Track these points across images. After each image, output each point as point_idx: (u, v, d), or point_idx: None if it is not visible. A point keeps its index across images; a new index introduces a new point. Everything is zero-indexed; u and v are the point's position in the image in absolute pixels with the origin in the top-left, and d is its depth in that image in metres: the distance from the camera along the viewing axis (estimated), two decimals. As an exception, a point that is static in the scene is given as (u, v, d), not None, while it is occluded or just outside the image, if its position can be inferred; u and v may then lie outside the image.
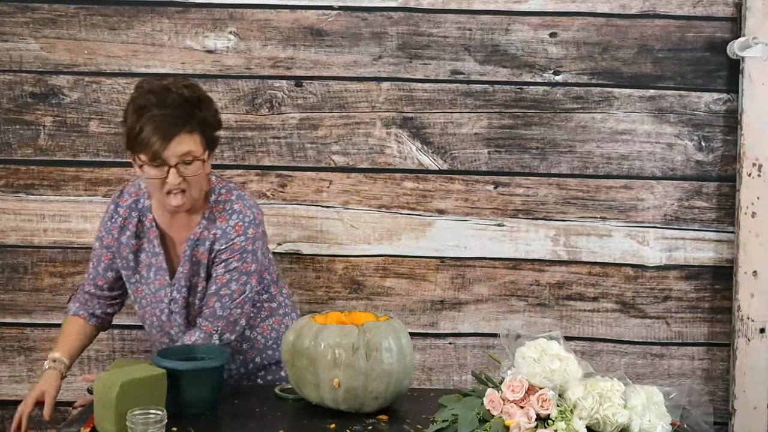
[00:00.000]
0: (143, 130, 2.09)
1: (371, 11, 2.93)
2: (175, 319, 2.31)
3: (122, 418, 1.76)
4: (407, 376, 2.01)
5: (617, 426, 1.65)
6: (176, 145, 2.10)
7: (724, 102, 2.96)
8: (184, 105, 2.13)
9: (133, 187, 2.38)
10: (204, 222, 2.27)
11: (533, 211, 2.99)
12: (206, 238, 2.27)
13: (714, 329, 3.02)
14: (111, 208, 2.36)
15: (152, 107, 2.10)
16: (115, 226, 2.33)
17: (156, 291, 2.31)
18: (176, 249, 2.31)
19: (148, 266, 2.31)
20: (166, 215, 2.29)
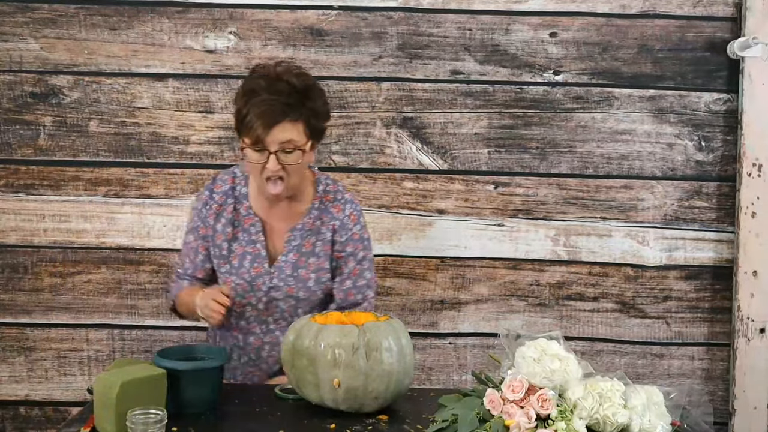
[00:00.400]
0: (249, 113, 2.12)
1: (371, 11, 2.93)
2: (278, 306, 2.29)
3: (122, 418, 1.76)
4: (407, 376, 2.00)
5: (617, 426, 1.65)
6: (278, 132, 2.12)
7: (724, 102, 2.96)
8: (293, 94, 2.15)
9: (227, 174, 2.36)
10: (315, 212, 2.29)
11: (533, 211, 2.99)
12: (319, 229, 2.29)
13: (714, 329, 3.02)
14: (205, 195, 2.33)
15: (261, 92, 2.14)
16: (211, 212, 2.31)
17: (252, 279, 2.28)
18: (275, 237, 2.30)
19: (242, 255, 2.28)
20: (266, 203, 2.28)
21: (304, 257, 2.29)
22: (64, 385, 3.02)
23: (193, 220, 2.36)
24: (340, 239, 2.30)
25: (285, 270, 2.29)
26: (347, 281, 2.33)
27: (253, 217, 2.30)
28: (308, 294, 2.30)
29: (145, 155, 2.96)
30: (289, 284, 2.29)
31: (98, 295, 3.00)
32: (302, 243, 2.29)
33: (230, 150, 2.96)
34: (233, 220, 2.30)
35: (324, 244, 2.30)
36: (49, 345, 3.01)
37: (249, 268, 2.29)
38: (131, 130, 2.96)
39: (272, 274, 2.29)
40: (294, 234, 2.29)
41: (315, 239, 2.30)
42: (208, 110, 2.95)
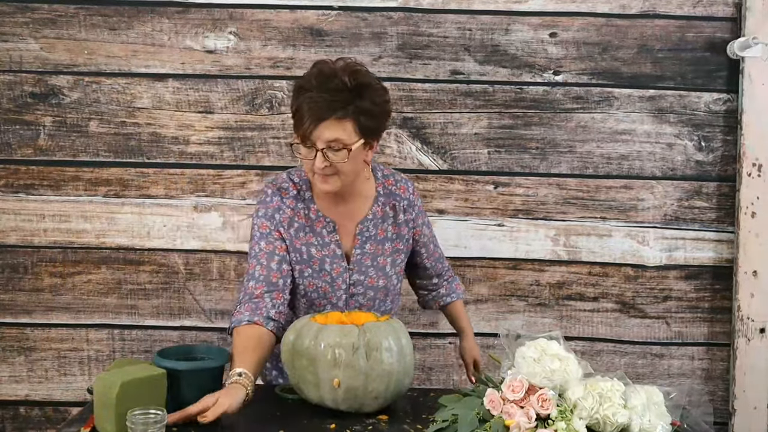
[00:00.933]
0: (299, 110, 2.11)
1: (371, 11, 2.93)
2: (357, 301, 2.30)
3: (122, 418, 1.76)
4: (407, 376, 2.00)
5: (617, 426, 1.65)
6: (324, 129, 2.09)
7: (724, 102, 2.96)
8: (343, 92, 2.11)
9: (286, 182, 2.30)
10: (382, 199, 2.30)
11: (533, 211, 2.99)
12: (388, 213, 2.31)
13: (714, 329, 3.02)
14: (274, 200, 2.26)
15: (311, 89, 2.11)
16: (285, 217, 2.25)
17: (333, 280, 2.27)
18: (346, 233, 2.29)
19: (321, 259, 2.26)
20: (331, 202, 2.27)
21: (380, 245, 2.31)
22: (64, 385, 3.02)
23: (262, 226, 2.26)
24: (410, 216, 2.34)
25: (364, 262, 2.30)
26: (436, 250, 2.45)
27: (324, 219, 2.28)
28: (386, 282, 2.32)
29: (145, 155, 2.96)
30: (370, 275, 2.30)
31: (98, 295, 3.00)
32: (376, 232, 2.31)
33: (230, 150, 2.96)
34: (305, 226, 2.27)
35: (395, 226, 2.33)
36: (49, 345, 3.01)
37: (330, 270, 2.27)
38: (131, 130, 2.96)
39: (352, 270, 2.29)
40: (365, 225, 2.30)
41: (386, 224, 2.32)
42: (208, 110, 2.95)
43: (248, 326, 2.11)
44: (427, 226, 2.41)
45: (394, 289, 2.36)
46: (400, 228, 2.33)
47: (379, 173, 2.34)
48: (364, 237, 2.29)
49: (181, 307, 3.00)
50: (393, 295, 2.37)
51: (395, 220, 2.32)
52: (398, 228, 2.33)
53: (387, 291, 2.34)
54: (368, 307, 2.31)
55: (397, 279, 2.36)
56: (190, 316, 3.01)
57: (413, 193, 2.36)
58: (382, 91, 2.21)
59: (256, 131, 2.96)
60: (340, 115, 2.09)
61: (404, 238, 2.34)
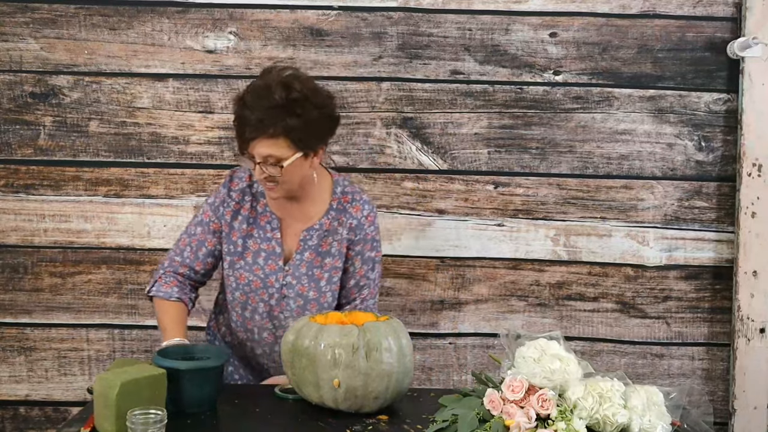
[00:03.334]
0: (238, 124, 2.20)
1: (371, 11, 2.93)
2: (288, 304, 2.32)
3: (122, 418, 1.76)
4: (407, 376, 2.00)
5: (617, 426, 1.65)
6: (257, 146, 2.17)
7: (724, 102, 2.96)
8: (275, 110, 2.14)
9: (243, 173, 2.38)
10: (333, 213, 2.33)
11: (533, 211, 2.99)
12: (336, 229, 2.33)
13: (714, 329, 3.02)
14: (222, 192, 2.36)
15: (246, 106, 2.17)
16: (228, 210, 2.34)
17: (266, 276, 2.31)
18: (290, 236, 2.33)
19: (256, 252, 2.32)
20: (283, 201, 2.32)
21: (320, 257, 2.33)
22: (64, 385, 3.02)
23: (205, 213, 2.37)
24: (354, 238, 2.34)
25: (300, 268, 2.32)
26: (351, 280, 2.37)
27: (270, 215, 2.34)
28: (318, 295, 2.33)
29: (145, 155, 2.96)
30: (302, 283, 2.32)
31: (98, 295, 3.00)
32: (319, 243, 2.33)
33: (230, 150, 2.96)
34: (249, 218, 2.34)
35: (340, 243, 2.34)
36: (49, 345, 3.01)
37: (263, 264, 2.32)
38: (131, 130, 2.96)
39: (286, 272, 2.32)
40: (310, 233, 2.33)
41: (332, 239, 2.34)
42: (208, 110, 2.95)
43: (178, 302, 2.32)
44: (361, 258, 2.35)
45: (328, 306, 2.35)
46: (341, 245, 2.33)
47: (339, 188, 2.36)
48: (306, 244, 2.32)
49: (181, 307, 3.00)
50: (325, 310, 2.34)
51: (341, 236, 2.33)
52: (341, 245, 2.33)
53: (319, 305, 2.33)
54: (297, 314, 2.32)
55: (331, 296, 2.35)
56: (190, 316, 3.00)
57: (367, 217, 2.34)
58: (322, 101, 2.21)
59: (256, 131, 2.95)
60: (271, 133, 2.14)
61: (343, 256, 2.34)
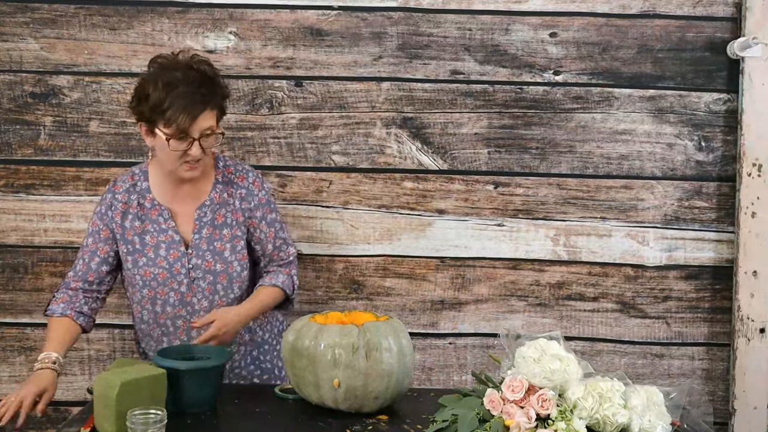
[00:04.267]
0: (171, 106, 2.22)
1: (371, 11, 2.93)
2: (198, 285, 2.38)
3: (122, 418, 1.76)
4: (407, 376, 2.01)
5: (617, 426, 1.65)
6: (201, 120, 2.25)
7: (724, 102, 2.96)
8: (207, 83, 2.28)
9: (125, 175, 2.46)
10: (220, 186, 2.41)
11: (533, 211, 2.99)
12: (227, 201, 2.40)
13: (714, 329, 3.02)
14: (107, 198, 2.42)
15: (179, 84, 2.24)
16: (117, 212, 2.40)
17: (171, 265, 2.36)
18: (184, 221, 2.40)
19: (156, 245, 2.37)
20: (168, 190, 2.39)
21: (217, 230, 2.39)
22: (64, 385, 3.02)
23: (94, 223, 2.42)
24: (248, 206, 2.43)
25: (201, 246, 2.38)
26: (268, 245, 2.45)
27: (159, 207, 2.40)
28: (225, 266, 2.38)
29: (145, 155, 2.96)
30: (206, 259, 2.37)
31: (98, 295, 2.99)
32: (214, 217, 2.40)
33: (230, 150, 2.96)
34: (140, 215, 2.39)
35: (234, 213, 2.41)
36: (49, 345, 3.01)
37: (166, 255, 2.37)
38: (131, 130, 2.96)
39: (189, 255, 2.38)
40: (204, 210, 2.40)
41: (225, 210, 2.41)
42: (208, 110, 2.95)
43: (62, 318, 2.34)
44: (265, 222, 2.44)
45: (238, 276, 2.40)
46: (237, 215, 2.41)
47: (221, 163, 2.46)
48: (202, 222, 2.39)
49: (181, 307, 3.00)
50: (239, 282, 2.41)
51: (233, 207, 2.41)
52: (236, 215, 2.41)
53: (229, 277, 2.39)
54: (210, 292, 2.37)
55: (240, 266, 2.40)
56: (190, 316, 3.00)
57: (254, 183, 2.44)
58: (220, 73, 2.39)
59: (256, 131, 2.96)
60: (212, 106, 2.27)
61: (242, 225, 2.41)
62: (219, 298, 2.39)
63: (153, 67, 2.31)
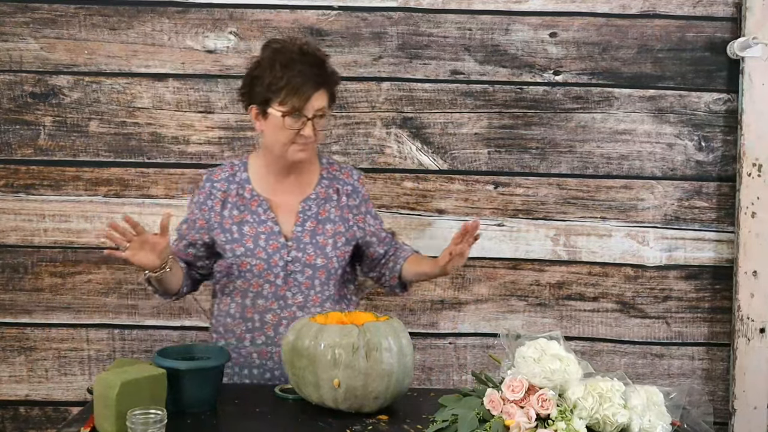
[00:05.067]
0: (288, 84, 2.26)
1: (371, 11, 2.93)
2: (295, 279, 2.36)
3: (122, 418, 1.76)
4: (407, 376, 2.00)
5: (617, 426, 1.65)
6: (315, 99, 2.28)
7: (724, 102, 2.96)
8: (320, 65, 2.33)
9: (224, 165, 2.45)
10: (325, 181, 2.43)
11: (533, 211, 2.99)
12: (332, 196, 2.42)
13: (714, 329, 3.02)
14: (206, 186, 2.41)
15: (296, 64, 2.28)
16: (216, 201, 2.40)
17: (269, 256, 2.35)
18: (284, 213, 2.40)
19: (255, 236, 2.36)
20: (270, 182, 2.40)
21: (321, 224, 2.39)
22: (64, 385, 3.02)
23: (192, 212, 2.42)
24: (355, 203, 2.45)
25: (303, 239, 2.37)
26: (373, 237, 2.47)
27: (258, 198, 2.39)
28: (325, 261, 2.37)
29: (145, 155, 2.96)
30: (308, 252, 2.36)
31: (98, 295, 3.00)
32: (319, 211, 2.40)
33: (230, 150, 2.96)
34: (239, 204, 2.39)
35: (338, 209, 2.42)
36: (49, 345, 3.01)
37: (265, 246, 2.35)
38: (131, 130, 2.96)
39: (290, 247, 2.36)
40: (308, 203, 2.40)
41: (329, 206, 2.41)
42: (208, 110, 2.95)
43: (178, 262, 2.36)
44: (371, 215, 2.48)
45: (335, 273, 2.40)
46: (343, 211, 2.42)
47: (324, 159, 2.48)
48: (306, 215, 2.39)
49: (181, 307, 3.00)
50: (335, 279, 2.40)
51: (338, 203, 2.42)
52: (341, 211, 2.42)
53: (327, 272, 2.38)
54: (307, 287, 2.36)
55: (338, 262, 2.40)
56: (190, 316, 3.01)
57: (358, 180, 2.47)
58: None
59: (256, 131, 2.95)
60: (325, 87, 2.30)
61: (348, 221, 2.42)
62: (315, 294, 2.37)
63: (266, 51, 2.35)
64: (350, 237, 2.43)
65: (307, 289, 2.36)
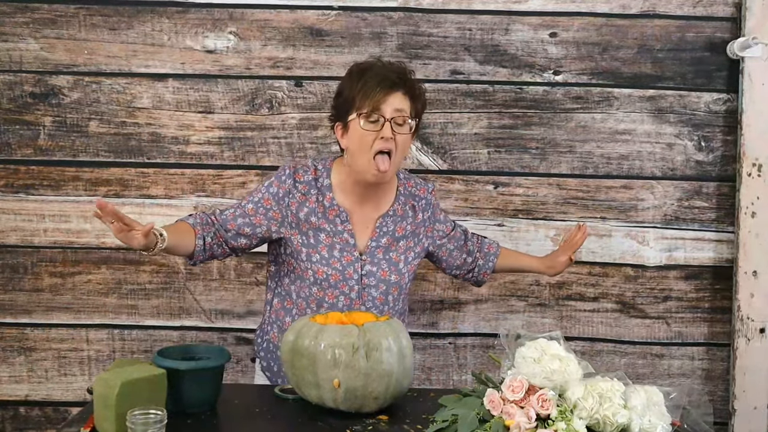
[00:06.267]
0: (366, 84, 2.26)
1: (371, 11, 2.93)
2: (369, 294, 2.35)
3: (122, 418, 1.76)
4: (407, 376, 2.00)
5: (617, 426, 1.65)
6: (393, 99, 2.26)
7: (724, 102, 2.96)
8: (401, 71, 2.33)
9: (308, 166, 2.40)
10: (402, 198, 2.43)
11: (533, 211, 2.99)
12: (408, 213, 2.42)
13: (714, 329, 3.02)
14: (287, 183, 2.36)
15: (373, 67, 2.30)
16: (294, 201, 2.35)
17: (344, 268, 2.33)
18: (360, 226, 2.37)
19: (330, 245, 2.34)
20: (351, 193, 2.37)
21: (395, 241, 2.40)
22: (64, 385, 3.02)
23: (265, 200, 2.36)
24: (428, 214, 2.47)
25: (377, 254, 2.36)
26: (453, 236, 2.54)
27: (338, 208, 2.36)
28: (399, 277, 2.38)
29: (145, 155, 2.96)
30: (382, 268, 2.36)
31: (98, 295, 3.00)
32: (395, 228, 2.40)
33: (230, 150, 2.96)
34: (317, 211, 2.35)
35: (414, 226, 2.43)
36: (49, 345, 3.01)
37: (340, 257, 2.34)
38: (131, 130, 2.96)
39: (364, 261, 2.35)
40: (386, 220, 2.39)
41: (405, 223, 2.42)
42: (208, 110, 2.95)
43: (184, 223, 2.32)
44: (441, 222, 2.51)
45: (405, 288, 2.41)
46: (417, 228, 2.43)
47: (401, 174, 2.48)
48: (382, 231, 2.38)
49: (181, 307, 3.00)
50: (404, 295, 2.41)
51: (414, 219, 2.43)
52: (416, 227, 2.43)
53: (399, 288, 2.38)
54: (381, 302, 2.34)
55: (408, 278, 2.41)
56: (190, 316, 3.01)
57: (431, 193, 2.49)
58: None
59: (256, 131, 2.96)
60: (404, 90, 2.29)
61: (418, 237, 2.44)
62: (388, 309, 2.36)
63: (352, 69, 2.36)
64: (420, 250, 2.45)
65: (382, 303, 2.36)
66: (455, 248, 2.54)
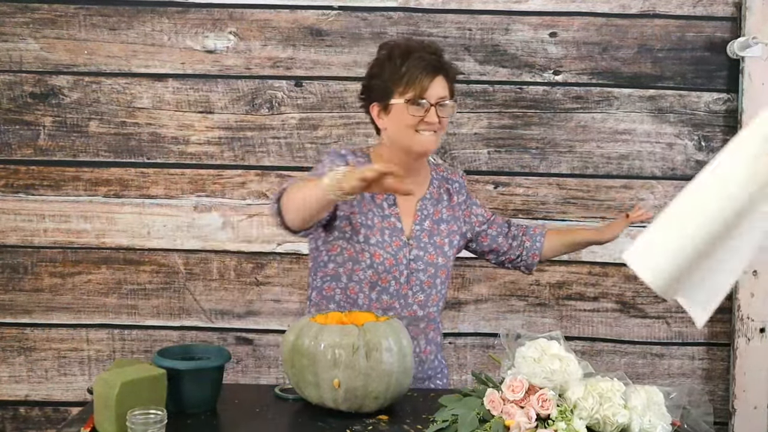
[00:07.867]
0: (410, 70, 2.24)
1: (371, 11, 2.93)
2: (417, 278, 2.33)
3: (122, 418, 1.76)
4: (407, 376, 2.00)
5: (617, 426, 1.65)
6: (437, 84, 2.26)
7: (724, 102, 2.96)
8: (439, 53, 2.33)
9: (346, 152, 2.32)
10: (436, 182, 2.42)
11: (533, 211, 2.99)
12: (442, 196, 2.42)
13: (714, 329, 3.02)
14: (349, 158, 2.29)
15: (416, 51, 2.28)
16: None
17: (395, 253, 2.31)
18: (403, 210, 2.36)
19: (381, 230, 2.32)
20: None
21: (436, 224, 2.39)
22: (64, 385, 3.02)
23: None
24: (463, 198, 2.46)
25: (422, 238, 2.36)
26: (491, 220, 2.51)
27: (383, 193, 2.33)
28: (445, 260, 2.37)
29: (145, 155, 2.96)
30: (429, 252, 2.35)
31: (98, 295, 3.00)
32: (433, 211, 2.40)
33: (230, 150, 2.96)
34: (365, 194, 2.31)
35: (450, 209, 2.43)
36: (49, 345, 3.01)
37: (390, 242, 2.32)
38: (131, 130, 2.96)
39: (411, 245, 2.34)
40: (424, 203, 2.39)
41: (440, 206, 2.41)
42: (208, 110, 2.95)
43: None
44: (479, 206, 2.51)
45: (448, 273, 2.41)
46: (454, 210, 2.43)
47: (431, 160, 2.48)
48: (423, 214, 2.38)
49: (181, 307, 3.00)
50: (447, 280, 2.41)
51: (449, 202, 2.43)
52: (452, 210, 2.43)
53: (446, 271, 2.39)
54: (428, 286, 2.33)
55: (452, 262, 2.42)
56: (190, 316, 3.01)
57: (462, 177, 2.49)
58: None
59: (256, 131, 2.96)
60: (445, 75, 2.30)
61: (459, 219, 2.44)
62: (435, 293, 2.35)
63: (382, 51, 2.33)
64: (461, 234, 2.44)
65: (429, 287, 2.34)
66: (498, 234, 2.51)
